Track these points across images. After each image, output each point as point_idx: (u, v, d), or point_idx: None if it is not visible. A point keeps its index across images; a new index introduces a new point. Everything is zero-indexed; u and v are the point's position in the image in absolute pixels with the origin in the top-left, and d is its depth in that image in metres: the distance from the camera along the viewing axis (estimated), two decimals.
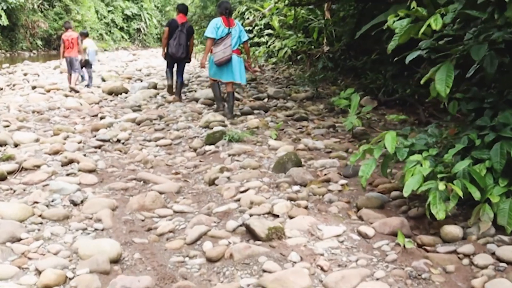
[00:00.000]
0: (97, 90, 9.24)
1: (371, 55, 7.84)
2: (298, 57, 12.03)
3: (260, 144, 4.83)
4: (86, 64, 9.68)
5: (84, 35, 9.84)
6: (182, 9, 7.61)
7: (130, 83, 10.05)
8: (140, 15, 31.36)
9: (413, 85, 6.92)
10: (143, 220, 3.16)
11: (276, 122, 5.97)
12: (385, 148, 2.94)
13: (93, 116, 6.74)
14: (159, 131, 5.70)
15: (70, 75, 9.38)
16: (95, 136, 5.50)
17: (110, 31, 28.85)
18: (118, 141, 5.37)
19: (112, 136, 5.41)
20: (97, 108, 7.20)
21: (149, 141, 5.33)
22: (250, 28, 14.32)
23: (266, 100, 7.68)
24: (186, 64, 7.80)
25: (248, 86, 9.05)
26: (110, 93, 8.64)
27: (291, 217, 2.96)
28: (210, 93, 7.32)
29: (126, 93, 8.67)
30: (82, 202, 3.38)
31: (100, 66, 14.31)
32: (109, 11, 28.97)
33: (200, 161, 4.57)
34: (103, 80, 10.67)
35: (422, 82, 3.07)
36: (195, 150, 4.92)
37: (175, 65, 7.66)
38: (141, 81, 10.25)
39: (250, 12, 14.10)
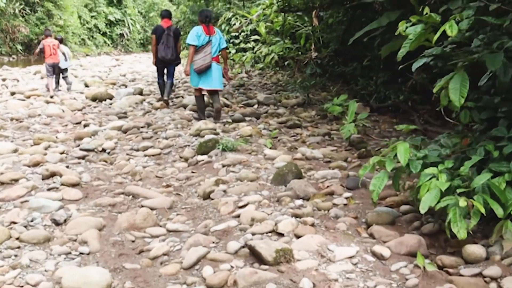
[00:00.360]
0: (80, 96, 8.86)
1: (361, 61, 7.71)
2: (286, 63, 11.89)
3: (256, 154, 4.59)
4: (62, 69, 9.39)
5: (59, 41, 9.52)
6: (166, 14, 7.61)
7: (115, 89, 9.69)
8: (123, 20, 30.84)
9: (406, 92, 6.80)
10: (133, 241, 2.86)
11: (269, 130, 5.75)
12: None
13: (76, 123, 6.39)
14: (147, 140, 5.40)
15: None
16: (78, 145, 5.16)
17: (92, 36, 28.23)
18: (104, 150, 5.04)
19: (97, 145, 5.08)
20: (81, 115, 6.84)
21: (137, 150, 5.03)
22: (237, 34, 14.14)
23: (256, 106, 7.46)
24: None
25: (237, 92, 8.82)
26: (94, 99, 8.28)
27: (297, 236, 2.72)
28: None
29: (111, 99, 8.32)
30: (65, 221, 3.05)
31: (82, 71, 13.86)
32: (92, 17, 28.36)
33: (192, 172, 4.29)
34: (86, 85, 10.28)
35: (434, 91, 2.88)
36: (186, 160, 4.64)
37: (165, 69, 7.49)
38: (126, 86, 9.90)
39: (237, 18, 13.92)
